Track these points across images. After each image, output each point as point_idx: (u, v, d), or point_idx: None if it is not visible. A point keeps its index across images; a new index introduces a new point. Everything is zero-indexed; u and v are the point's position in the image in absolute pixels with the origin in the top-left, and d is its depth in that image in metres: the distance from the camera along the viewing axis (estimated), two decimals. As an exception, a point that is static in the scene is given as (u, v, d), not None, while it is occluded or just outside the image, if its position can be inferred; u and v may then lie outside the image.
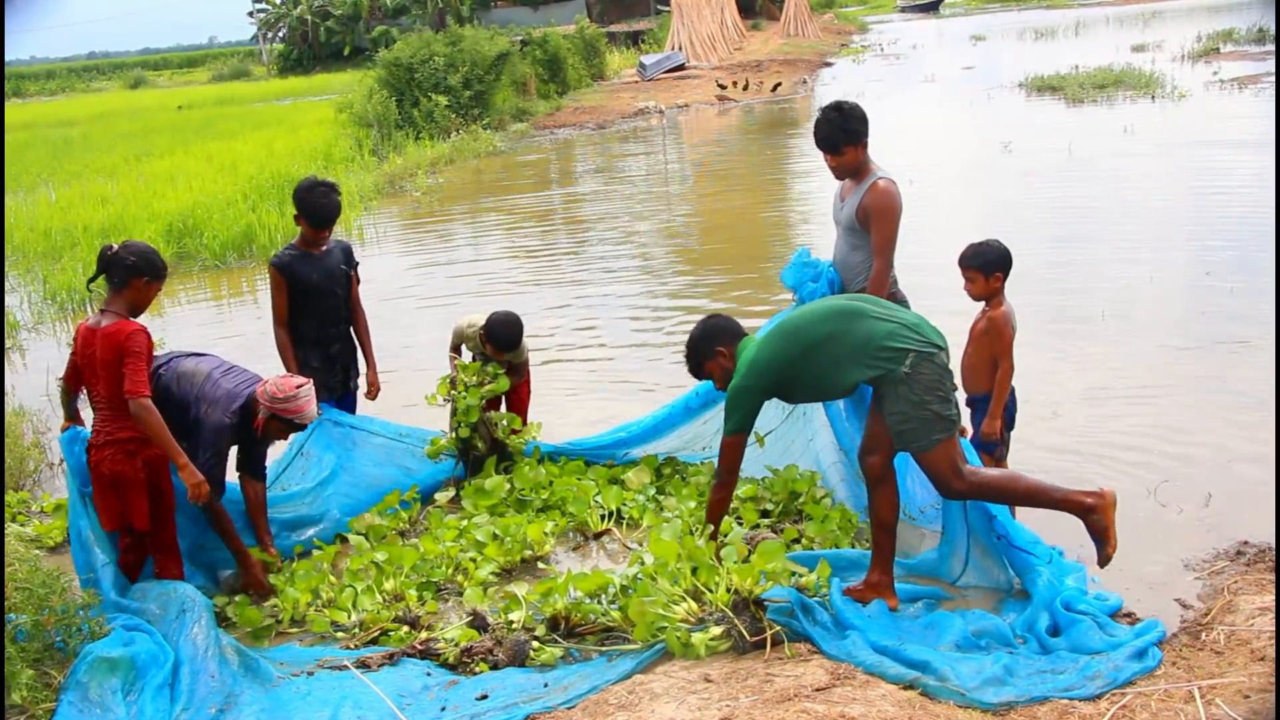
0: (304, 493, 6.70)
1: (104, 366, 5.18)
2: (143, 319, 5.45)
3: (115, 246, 5.31)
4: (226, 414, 5.79)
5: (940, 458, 5.03)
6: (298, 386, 5.85)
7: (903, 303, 6.21)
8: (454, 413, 7.13)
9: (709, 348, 5.45)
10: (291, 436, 6.34)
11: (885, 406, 5.02)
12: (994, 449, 5.92)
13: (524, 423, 7.54)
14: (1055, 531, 5.94)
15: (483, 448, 7.21)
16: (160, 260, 5.40)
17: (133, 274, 5.25)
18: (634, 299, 12.22)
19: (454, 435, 7.14)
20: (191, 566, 5.97)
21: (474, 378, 7.11)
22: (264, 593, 5.94)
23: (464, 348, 7.47)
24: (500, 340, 7.11)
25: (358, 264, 7.12)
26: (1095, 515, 4.98)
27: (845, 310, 5.11)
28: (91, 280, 5.43)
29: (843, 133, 5.93)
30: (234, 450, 6.06)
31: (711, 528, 5.45)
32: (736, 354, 5.34)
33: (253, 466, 6.19)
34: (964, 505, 5.43)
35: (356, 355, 7.19)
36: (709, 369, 5.51)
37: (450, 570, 6.04)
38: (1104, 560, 5.01)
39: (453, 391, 7.11)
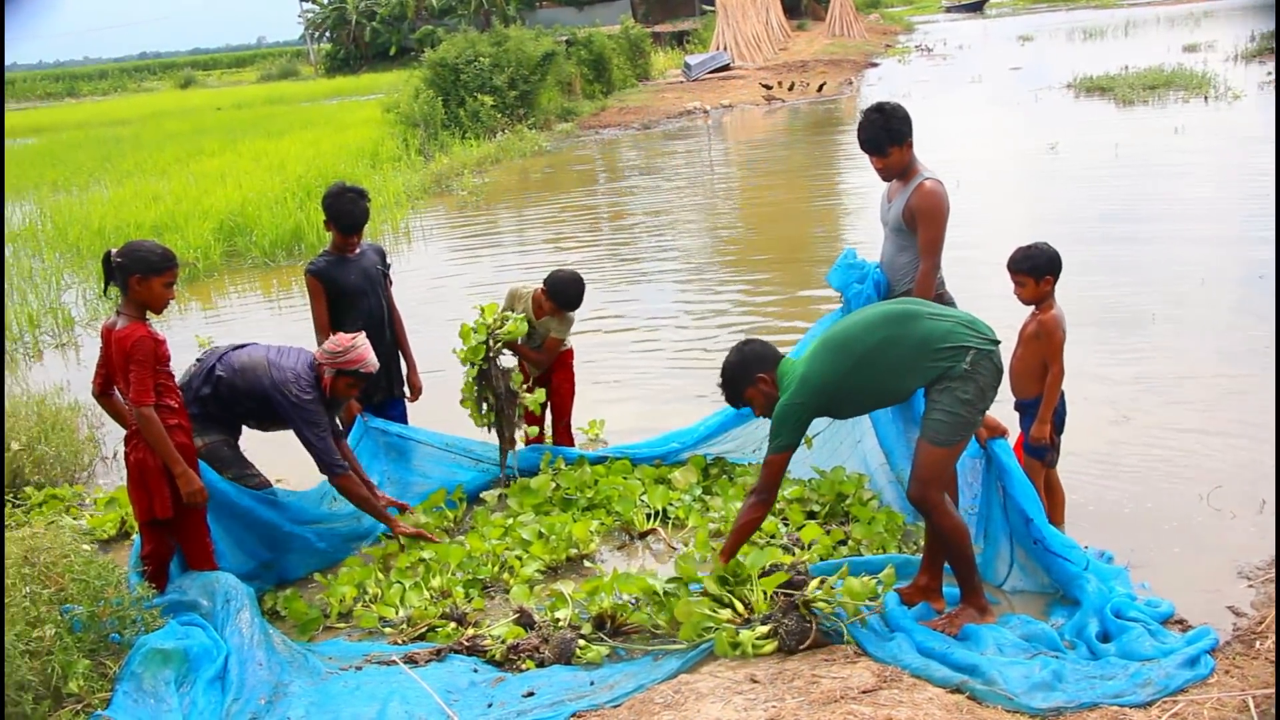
0: (353, 510, 6.71)
1: (118, 368, 5.23)
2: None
3: (113, 251, 5.30)
4: (308, 390, 5.96)
5: (945, 459, 4.99)
6: (351, 339, 6.05)
7: (950, 304, 6.19)
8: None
9: (749, 375, 5.29)
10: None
11: (932, 395, 4.95)
12: (1044, 454, 5.87)
13: (568, 420, 7.55)
14: (1103, 536, 5.93)
15: (491, 401, 7.08)
16: (155, 254, 5.27)
17: (126, 274, 5.22)
18: (679, 297, 12.24)
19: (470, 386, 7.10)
20: (262, 584, 6.08)
21: (491, 319, 7.01)
22: (420, 537, 6.25)
23: (515, 309, 7.34)
24: (563, 297, 7.05)
25: (390, 265, 7.16)
26: (971, 608, 5.08)
27: (898, 314, 5.03)
28: (106, 288, 5.44)
29: (886, 134, 5.89)
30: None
31: (731, 546, 5.28)
32: (778, 378, 5.24)
33: (334, 431, 6.34)
34: (1003, 508, 5.41)
35: (400, 362, 7.21)
36: (749, 396, 5.35)
37: (496, 568, 6.08)
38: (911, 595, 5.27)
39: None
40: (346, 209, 6.68)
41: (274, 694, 4.76)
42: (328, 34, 78.83)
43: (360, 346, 6.05)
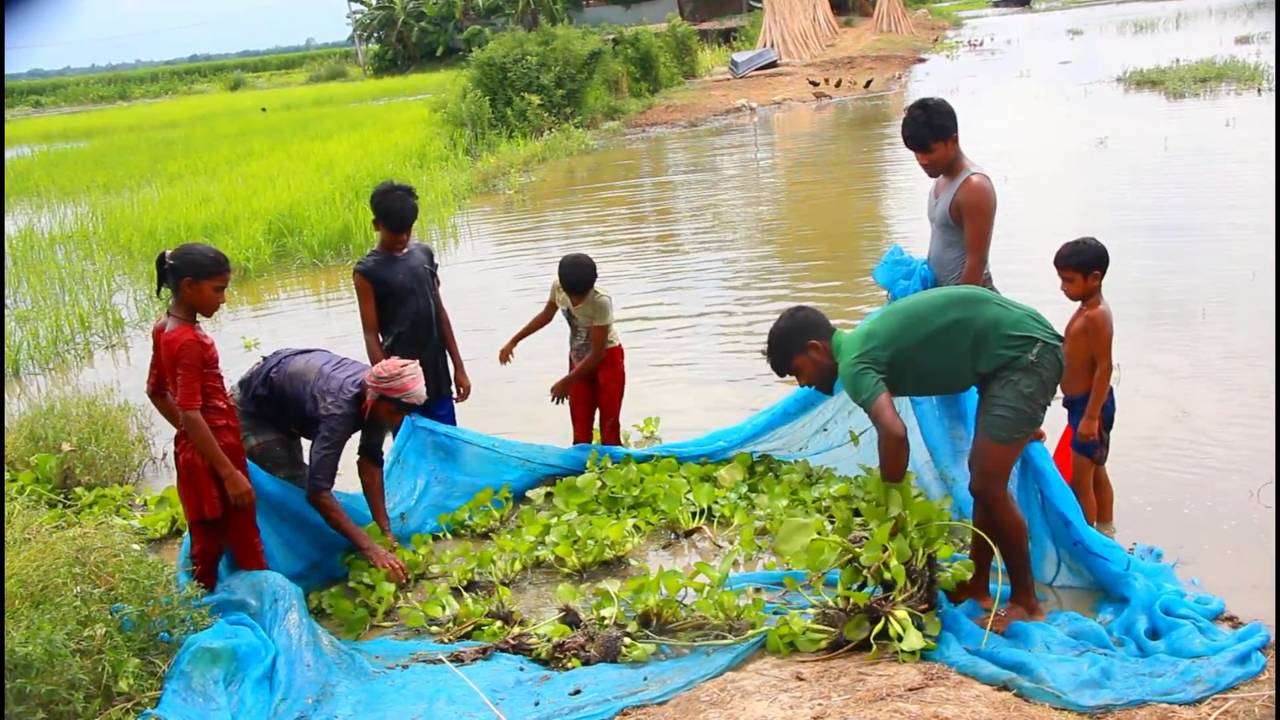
0: (402, 508, 6.76)
1: (168, 370, 5.28)
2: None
3: (167, 253, 5.32)
4: (340, 405, 5.87)
5: (1006, 455, 4.93)
6: (402, 365, 5.93)
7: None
8: None
9: (800, 341, 5.15)
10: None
11: (992, 389, 4.87)
12: (1093, 451, 5.82)
13: (615, 419, 7.55)
14: (1154, 532, 5.87)
15: None
16: (206, 257, 5.28)
17: (177, 276, 5.24)
18: (725, 295, 12.21)
19: None
20: (309, 583, 6.09)
21: None
22: (390, 567, 5.99)
23: (557, 300, 7.35)
24: (566, 280, 6.99)
25: (438, 265, 7.18)
26: (1020, 607, 5.03)
27: (967, 297, 4.98)
28: (158, 290, 5.46)
29: (929, 130, 5.83)
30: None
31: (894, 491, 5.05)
32: (833, 349, 5.12)
33: (371, 453, 6.30)
34: (1042, 508, 5.34)
35: (447, 361, 7.21)
36: (798, 364, 5.21)
37: (521, 566, 6.15)
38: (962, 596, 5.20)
39: None
40: (395, 206, 6.70)
41: (321, 693, 4.79)
42: (376, 35, 79.31)
43: (407, 376, 5.94)
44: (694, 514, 6.61)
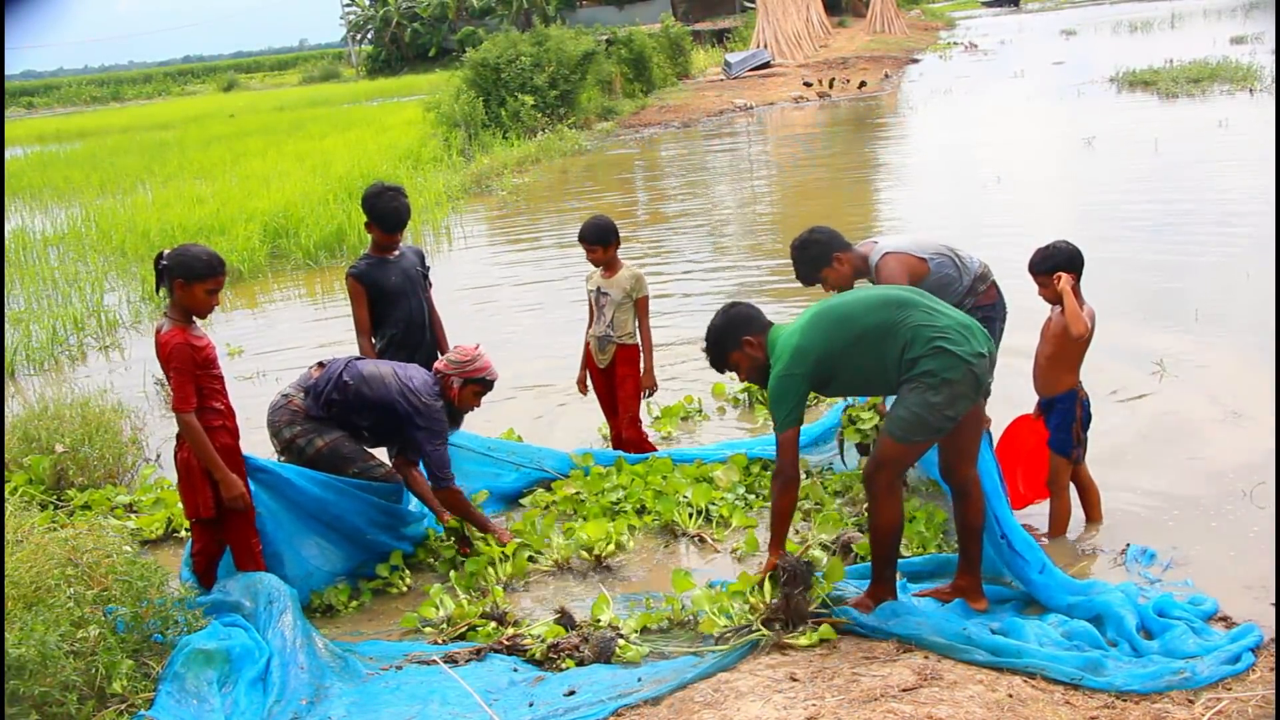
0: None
1: (164, 370, 5.30)
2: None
3: (165, 252, 5.29)
4: (435, 397, 6.06)
5: (900, 452, 4.92)
6: (474, 348, 6.20)
7: (1000, 299, 6.18)
8: None
9: (734, 337, 5.21)
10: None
11: (903, 390, 4.84)
12: (1068, 451, 5.78)
13: (634, 413, 7.43)
14: (1148, 533, 5.87)
15: None
16: (200, 260, 5.23)
17: (171, 277, 5.22)
18: (716, 295, 12.18)
19: None
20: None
21: None
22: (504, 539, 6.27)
23: (590, 285, 7.31)
24: (592, 231, 7.04)
25: (430, 267, 7.18)
26: (868, 599, 5.11)
27: (897, 299, 4.94)
28: (157, 289, 5.44)
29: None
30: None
31: (778, 536, 5.23)
32: (767, 344, 5.15)
33: (408, 453, 6.43)
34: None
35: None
36: (735, 360, 5.27)
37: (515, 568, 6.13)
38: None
39: None
40: (389, 207, 6.70)
41: (315, 695, 4.79)
42: (369, 36, 79.29)
43: (484, 355, 6.21)
44: (691, 515, 6.59)
